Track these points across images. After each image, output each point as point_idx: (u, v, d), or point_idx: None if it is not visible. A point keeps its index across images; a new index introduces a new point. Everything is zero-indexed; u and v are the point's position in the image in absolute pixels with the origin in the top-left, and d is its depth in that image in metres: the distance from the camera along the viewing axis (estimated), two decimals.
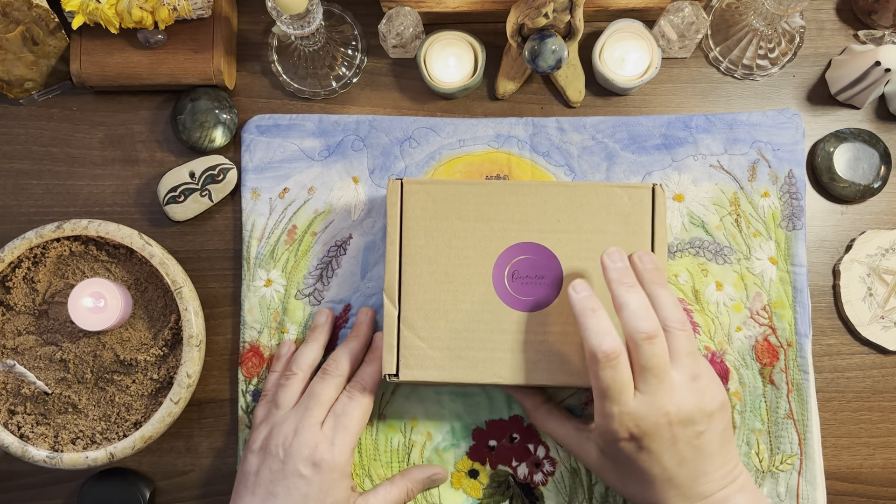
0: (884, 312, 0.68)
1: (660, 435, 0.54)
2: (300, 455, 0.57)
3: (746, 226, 0.68)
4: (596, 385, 0.55)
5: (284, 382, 0.63)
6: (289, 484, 0.57)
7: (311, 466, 0.57)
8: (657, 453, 0.54)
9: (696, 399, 0.55)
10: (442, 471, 0.65)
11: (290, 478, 0.57)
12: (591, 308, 0.56)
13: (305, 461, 0.57)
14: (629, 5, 0.69)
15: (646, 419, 0.54)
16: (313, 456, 0.57)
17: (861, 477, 0.67)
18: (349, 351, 0.64)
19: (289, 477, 0.57)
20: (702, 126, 0.69)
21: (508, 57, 0.70)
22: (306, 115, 0.70)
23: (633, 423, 0.54)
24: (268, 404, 0.63)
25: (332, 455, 0.58)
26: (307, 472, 0.57)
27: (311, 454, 0.57)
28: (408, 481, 0.64)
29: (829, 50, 0.72)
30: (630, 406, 0.54)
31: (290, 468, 0.57)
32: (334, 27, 0.71)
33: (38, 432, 0.64)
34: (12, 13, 0.66)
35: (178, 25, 0.69)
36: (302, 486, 0.57)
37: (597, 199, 0.62)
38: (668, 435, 0.54)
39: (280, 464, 0.58)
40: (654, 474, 0.55)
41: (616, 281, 0.57)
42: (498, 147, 0.70)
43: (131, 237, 0.64)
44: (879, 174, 0.69)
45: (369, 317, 0.66)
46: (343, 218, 0.69)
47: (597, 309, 0.56)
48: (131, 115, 0.72)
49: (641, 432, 0.54)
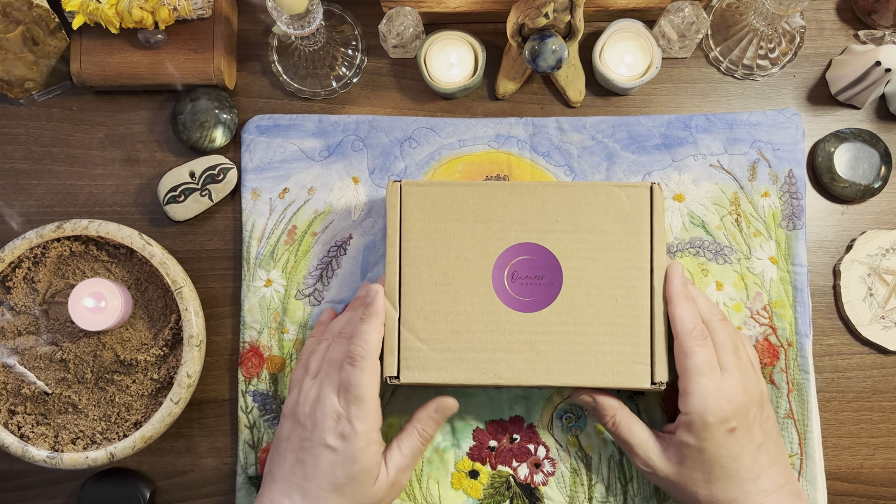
0: (884, 312, 0.68)
1: (746, 413, 0.57)
2: (325, 425, 0.58)
3: (747, 225, 0.68)
4: (693, 361, 0.57)
5: (315, 347, 0.63)
6: (316, 452, 0.58)
7: (338, 437, 0.57)
8: (744, 435, 0.57)
9: (759, 382, 0.60)
10: (446, 398, 0.64)
11: (317, 446, 0.58)
12: (689, 296, 0.60)
13: (331, 432, 0.57)
14: (629, 5, 0.68)
15: (735, 394, 0.57)
16: (336, 427, 0.58)
17: (861, 477, 0.67)
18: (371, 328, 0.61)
19: (316, 446, 0.58)
20: (702, 126, 0.69)
21: (508, 57, 0.70)
22: (306, 115, 0.70)
23: (725, 400, 0.56)
24: (301, 367, 0.63)
25: (352, 427, 0.57)
26: (333, 442, 0.57)
27: (334, 425, 0.58)
28: (417, 424, 0.63)
29: (830, 50, 0.72)
30: (721, 381, 0.57)
31: (317, 437, 0.58)
32: (334, 27, 0.71)
33: (38, 432, 0.64)
34: (12, 13, 0.66)
35: (178, 25, 0.69)
36: (329, 455, 0.57)
37: (595, 199, 0.62)
38: (751, 415, 0.57)
39: (307, 432, 0.58)
40: (741, 460, 0.57)
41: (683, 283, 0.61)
42: (498, 147, 0.69)
43: (131, 237, 0.64)
44: (880, 174, 0.69)
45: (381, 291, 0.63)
46: (343, 218, 0.69)
47: (696, 298, 0.61)
48: (131, 115, 0.72)
49: (734, 409, 0.56)
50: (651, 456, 0.60)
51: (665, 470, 0.59)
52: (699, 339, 0.58)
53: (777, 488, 0.57)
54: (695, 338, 0.58)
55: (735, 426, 0.56)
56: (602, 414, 0.62)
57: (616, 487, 0.66)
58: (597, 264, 0.61)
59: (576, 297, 0.61)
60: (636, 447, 0.60)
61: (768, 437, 0.58)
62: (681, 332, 0.58)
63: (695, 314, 0.59)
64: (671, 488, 0.60)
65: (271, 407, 0.68)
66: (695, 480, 0.58)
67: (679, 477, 0.58)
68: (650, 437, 0.60)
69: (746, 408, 0.57)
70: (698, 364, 0.57)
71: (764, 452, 0.58)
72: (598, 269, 0.61)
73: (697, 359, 0.57)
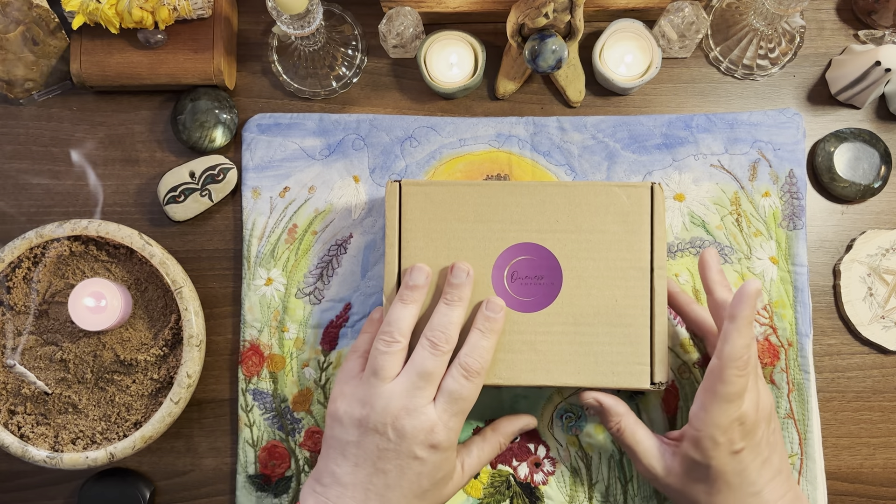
0: (884, 312, 0.68)
1: (755, 433, 0.56)
2: (415, 438, 0.55)
3: (747, 225, 0.68)
4: (723, 390, 0.55)
5: (385, 349, 0.58)
6: (402, 463, 0.56)
7: (428, 449, 0.56)
8: (750, 453, 0.56)
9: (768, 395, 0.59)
10: (531, 419, 0.65)
11: (404, 458, 0.56)
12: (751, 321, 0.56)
13: (422, 444, 0.56)
14: (629, 5, 0.69)
15: (748, 417, 0.56)
16: (429, 439, 0.56)
17: (861, 477, 0.67)
18: (456, 321, 0.59)
19: (402, 457, 0.56)
20: (702, 126, 0.69)
21: (508, 57, 0.70)
22: (307, 114, 0.70)
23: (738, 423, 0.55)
24: (359, 360, 0.60)
25: (447, 437, 0.56)
26: (423, 453, 0.56)
27: (426, 437, 0.56)
28: (500, 436, 0.63)
29: (830, 50, 0.72)
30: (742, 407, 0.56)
31: (405, 449, 0.56)
32: (334, 27, 0.71)
33: (38, 432, 0.64)
34: (12, 13, 0.66)
35: (178, 25, 0.69)
36: (416, 466, 0.56)
37: (595, 199, 0.62)
38: (759, 433, 0.57)
39: (392, 443, 0.56)
40: (744, 476, 0.56)
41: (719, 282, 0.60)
42: (499, 146, 0.70)
43: (131, 237, 0.64)
44: (880, 174, 0.69)
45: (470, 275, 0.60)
46: (343, 217, 0.69)
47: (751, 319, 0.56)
48: (131, 115, 0.72)
49: (745, 431, 0.56)
50: (654, 464, 0.59)
51: (668, 479, 0.59)
52: (741, 368, 0.55)
53: (778, 497, 0.57)
54: (738, 367, 0.55)
55: (743, 447, 0.56)
56: (607, 419, 0.61)
57: (616, 487, 0.66)
58: (597, 264, 0.61)
59: (576, 297, 0.61)
60: (640, 454, 0.60)
61: (773, 451, 0.58)
62: (727, 356, 0.55)
63: (749, 344, 0.55)
64: (673, 494, 0.60)
65: (271, 405, 0.67)
66: (697, 491, 0.58)
67: (681, 486, 0.58)
68: (655, 444, 0.60)
69: (756, 427, 0.56)
70: (730, 393, 0.55)
71: (768, 466, 0.57)
72: (598, 269, 0.61)
73: (731, 388, 0.55)
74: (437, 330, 0.58)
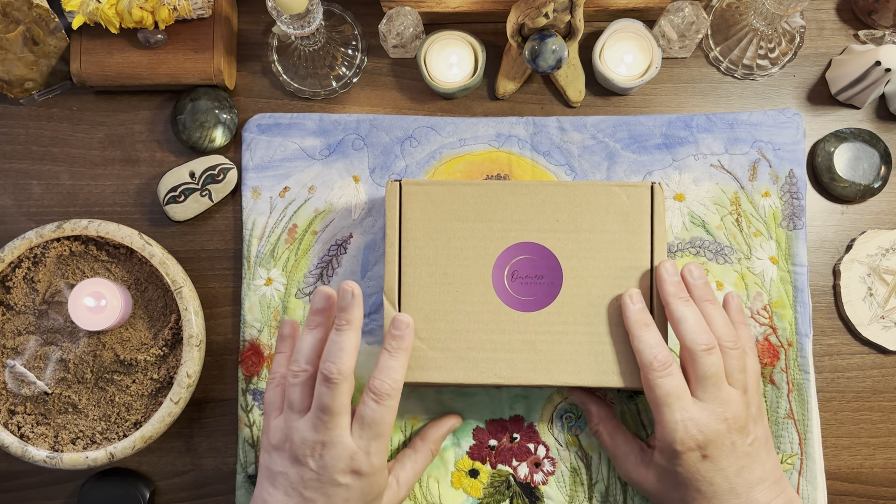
0: (884, 312, 0.68)
1: (721, 442, 0.56)
2: (336, 468, 0.55)
3: (747, 225, 0.68)
4: (656, 394, 0.56)
5: (294, 381, 0.57)
6: (327, 491, 0.56)
7: (351, 475, 0.56)
8: (719, 462, 0.56)
9: (746, 408, 0.57)
10: (456, 419, 0.66)
11: (328, 486, 0.56)
12: (645, 323, 0.59)
13: (343, 472, 0.56)
14: (629, 5, 0.69)
15: (708, 425, 0.55)
16: (351, 466, 0.56)
17: (861, 477, 0.67)
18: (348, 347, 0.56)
19: (326, 485, 0.56)
20: (702, 125, 0.69)
21: (508, 57, 0.70)
22: (307, 114, 0.70)
23: (696, 430, 0.55)
24: (277, 388, 0.59)
25: (369, 462, 0.56)
26: (347, 480, 0.56)
27: (347, 465, 0.56)
28: (430, 444, 0.64)
29: (830, 50, 0.72)
30: (692, 411, 0.56)
31: (327, 478, 0.56)
32: (334, 27, 0.71)
33: (38, 432, 0.64)
34: (12, 13, 0.66)
35: (178, 25, 0.69)
36: (342, 493, 0.56)
37: (595, 199, 0.62)
38: (727, 442, 0.56)
39: (314, 474, 0.56)
40: (717, 484, 0.56)
41: (673, 295, 0.59)
42: (499, 146, 0.70)
43: (131, 237, 0.64)
44: (879, 174, 0.69)
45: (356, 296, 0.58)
46: (343, 217, 0.69)
47: (650, 324, 0.59)
48: (131, 115, 0.72)
49: (705, 439, 0.55)
50: (630, 470, 0.61)
51: (644, 485, 0.60)
52: (659, 370, 0.56)
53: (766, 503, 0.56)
54: (655, 369, 0.56)
55: (708, 454, 0.56)
56: (588, 420, 0.65)
57: (616, 487, 0.66)
58: (597, 264, 0.61)
59: (576, 297, 0.61)
60: (619, 460, 0.62)
61: (752, 459, 0.57)
62: (641, 364, 0.58)
63: (651, 343, 0.57)
64: (653, 499, 0.61)
65: None
66: (672, 498, 0.58)
67: (658, 492, 0.59)
68: (633, 450, 0.61)
69: (721, 437, 0.56)
70: (660, 396, 0.56)
71: (746, 474, 0.56)
72: (598, 268, 0.61)
73: (658, 391, 0.56)
74: (328, 361, 0.56)
